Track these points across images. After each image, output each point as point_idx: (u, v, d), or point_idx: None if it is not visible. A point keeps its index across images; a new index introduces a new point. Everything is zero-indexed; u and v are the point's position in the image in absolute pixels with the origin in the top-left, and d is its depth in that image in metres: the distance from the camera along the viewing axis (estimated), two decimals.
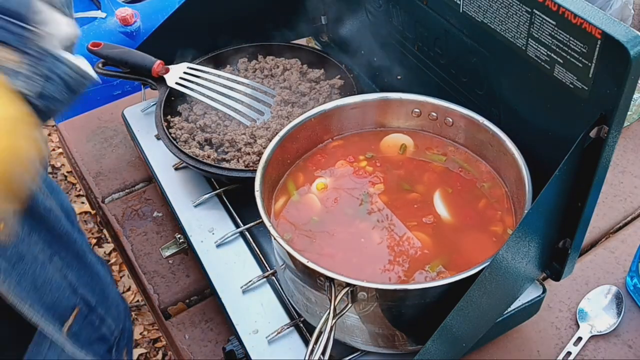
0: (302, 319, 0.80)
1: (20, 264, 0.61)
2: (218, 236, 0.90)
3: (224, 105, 1.02)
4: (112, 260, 1.99)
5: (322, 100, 1.04)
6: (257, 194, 0.73)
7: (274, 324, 0.80)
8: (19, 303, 0.60)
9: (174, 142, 0.96)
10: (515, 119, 0.77)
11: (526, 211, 0.67)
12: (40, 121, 0.48)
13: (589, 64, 0.59)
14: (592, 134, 0.60)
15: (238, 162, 0.95)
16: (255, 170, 0.77)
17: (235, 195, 0.96)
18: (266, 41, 1.13)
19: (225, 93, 1.04)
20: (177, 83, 1.04)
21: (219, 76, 1.06)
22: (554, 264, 0.76)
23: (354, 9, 1.04)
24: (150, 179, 1.10)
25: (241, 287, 0.84)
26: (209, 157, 0.96)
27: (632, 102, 1.01)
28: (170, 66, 1.06)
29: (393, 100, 0.87)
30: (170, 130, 1.00)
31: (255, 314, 0.81)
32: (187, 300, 0.93)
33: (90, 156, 1.15)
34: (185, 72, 1.06)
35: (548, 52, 0.64)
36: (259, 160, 0.80)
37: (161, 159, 1.02)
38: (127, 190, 1.10)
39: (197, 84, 1.05)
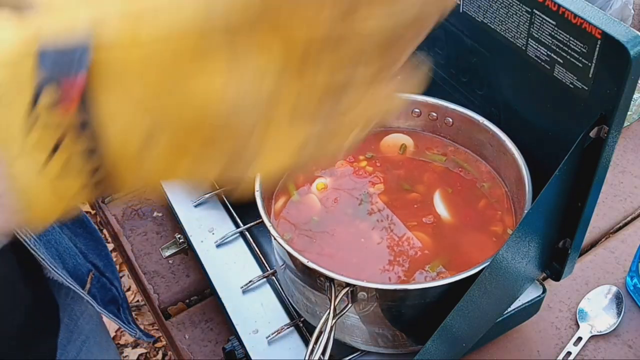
0: (302, 319, 0.80)
1: (44, 234, 0.65)
2: (218, 236, 0.90)
3: None
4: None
5: None
6: (257, 194, 0.73)
7: (274, 324, 0.80)
8: (54, 268, 0.63)
9: None
10: (515, 119, 0.77)
11: (526, 211, 0.67)
12: None
13: (589, 64, 0.59)
14: (592, 134, 0.60)
15: None
16: None
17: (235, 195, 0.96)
18: None
19: None
20: None
21: None
22: (554, 264, 0.76)
23: None
24: None
25: (241, 287, 0.84)
26: None
27: (632, 102, 1.01)
28: None
29: None
30: None
31: (255, 314, 0.81)
32: (187, 300, 0.93)
33: None
34: None
35: (548, 52, 0.64)
36: None
37: None
38: None
39: None
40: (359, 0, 0.29)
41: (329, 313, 0.63)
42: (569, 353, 0.82)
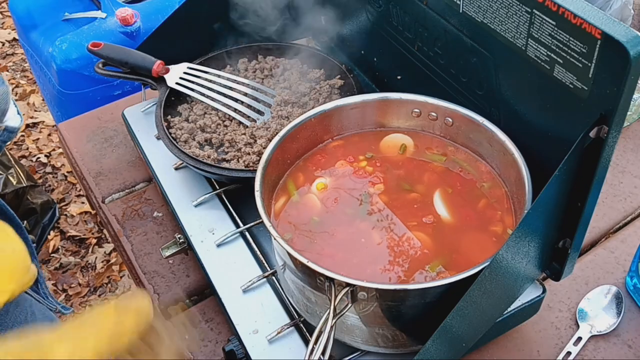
0: (302, 319, 0.80)
1: None
2: (218, 236, 0.90)
3: (224, 105, 1.02)
4: (112, 260, 1.99)
5: (322, 100, 1.04)
6: (257, 194, 0.73)
7: (274, 324, 0.80)
8: None
9: (174, 142, 0.96)
10: (515, 119, 0.77)
11: (526, 211, 0.67)
12: None
13: (589, 64, 0.59)
14: (592, 134, 0.60)
15: (238, 162, 0.95)
16: (255, 170, 0.77)
17: (235, 195, 0.96)
18: (266, 41, 1.13)
19: (225, 93, 1.04)
20: (177, 83, 1.04)
21: (219, 76, 1.06)
22: (554, 264, 0.76)
23: (354, 9, 1.04)
24: (150, 179, 1.10)
25: (241, 287, 0.84)
26: (209, 157, 0.96)
27: (632, 102, 1.01)
28: (170, 66, 1.06)
29: (393, 100, 0.87)
30: (170, 130, 1.00)
31: (255, 314, 0.81)
32: (187, 300, 0.93)
33: (90, 156, 1.15)
34: (185, 72, 1.06)
35: (548, 52, 0.64)
36: (259, 160, 0.80)
37: (161, 159, 1.02)
38: (127, 190, 1.10)
39: (197, 84, 1.05)
40: None
41: (329, 313, 0.63)
42: (568, 353, 0.82)
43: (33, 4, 1.85)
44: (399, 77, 1.01)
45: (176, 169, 1.01)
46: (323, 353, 0.61)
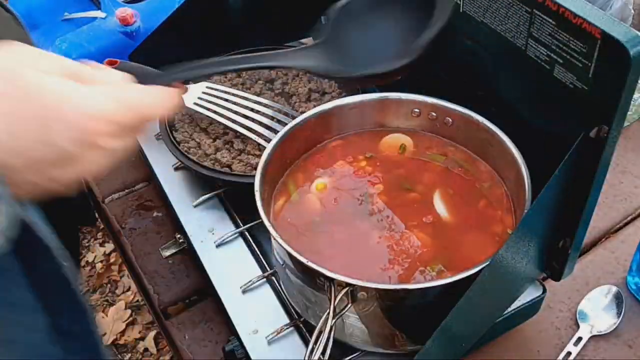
0: (302, 319, 0.80)
1: None
2: (218, 236, 0.90)
3: (241, 126, 0.98)
4: (112, 260, 1.99)
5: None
6: (257, 194, 0.73)
7: (274, 324, 0.80)
8: None
9: (202, 165, 0.93)
10: (515, 119, 0.77)
11: (526, 211, 0.67)
12: None
13: (589, 64, 0.59)
14: (592, 134, 0.60)
15: None
16: None
17: (235, 195, 0.96)
18: (266, 44, 1.12)
19: (243, 113, 1.00)
20: (195, 103, 1.00)
21: (238, 96, 1.03)
22: (554, 264, 0.76)
23: None
24: (150, 179, 1.10)
25: (241, 287, 0.84)
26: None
27: (632, 102, 1.01)
28: (189, 85, 1.01)
29: (393, 100, 0.86)
30: (189, 155, 0.97)
31: (255, 314, 0.81)
32: (187, 300, 0.93)
33: None
34: (203, 92, 1.01)
35: (548, 52, 0.64)
36: None
37: (161, 159, 1.02)
38: (127, 190, 1.10)
39: (215, 104, 1.00)
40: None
41: (328, 313, 0.63)
42: (569, 353, 0.82)
43: (33, 3, 1.85)
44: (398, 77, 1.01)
45: (176, 169, 1.01)
46: (323, 353, 0.61)
